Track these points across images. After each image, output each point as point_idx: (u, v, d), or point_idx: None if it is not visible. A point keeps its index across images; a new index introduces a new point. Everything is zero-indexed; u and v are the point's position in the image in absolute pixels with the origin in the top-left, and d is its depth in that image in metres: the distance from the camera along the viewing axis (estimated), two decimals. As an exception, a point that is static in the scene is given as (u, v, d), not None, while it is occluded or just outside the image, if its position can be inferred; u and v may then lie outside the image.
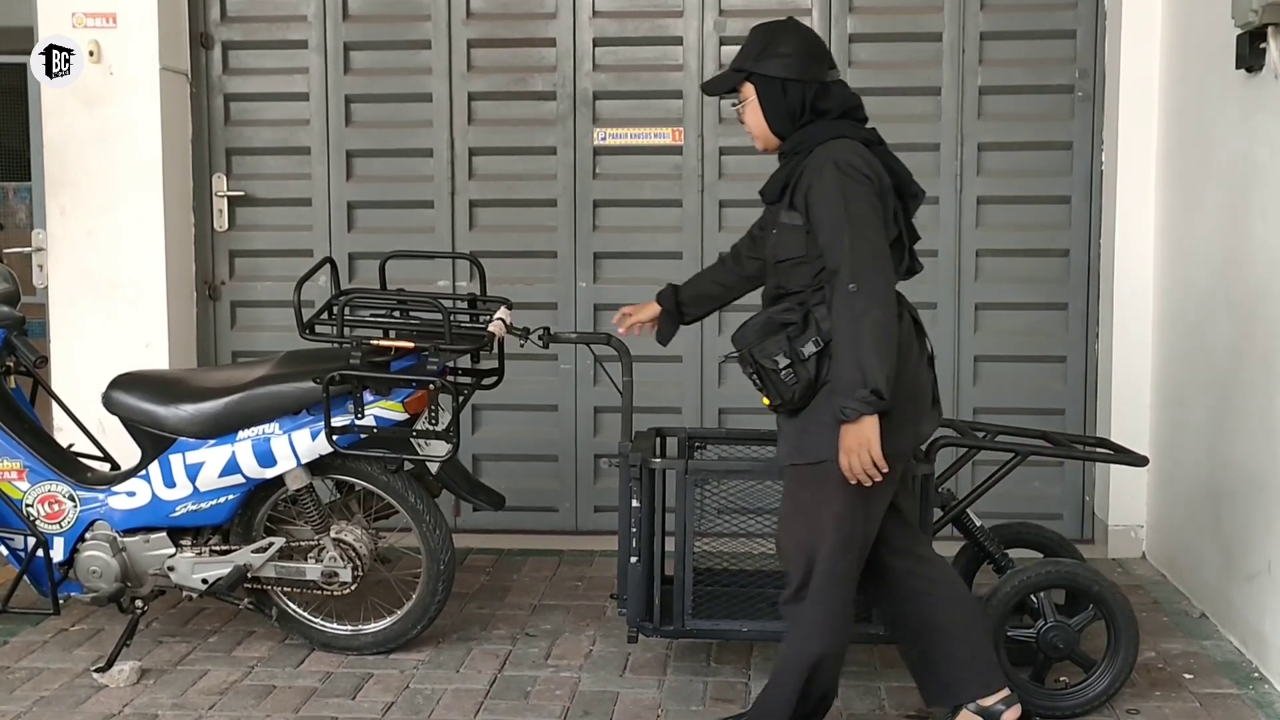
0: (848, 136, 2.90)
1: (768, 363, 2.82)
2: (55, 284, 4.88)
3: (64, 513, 3.67)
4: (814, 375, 2.80)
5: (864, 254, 2.75)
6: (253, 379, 3.57)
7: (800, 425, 2.88)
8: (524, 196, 5.00)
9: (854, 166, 2.81)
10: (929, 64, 4.86)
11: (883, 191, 2.85)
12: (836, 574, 2.90)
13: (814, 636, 2.92)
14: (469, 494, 3.73)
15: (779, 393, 2.84)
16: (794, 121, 2.91)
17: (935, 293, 4.90)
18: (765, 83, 2.91)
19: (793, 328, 2.82)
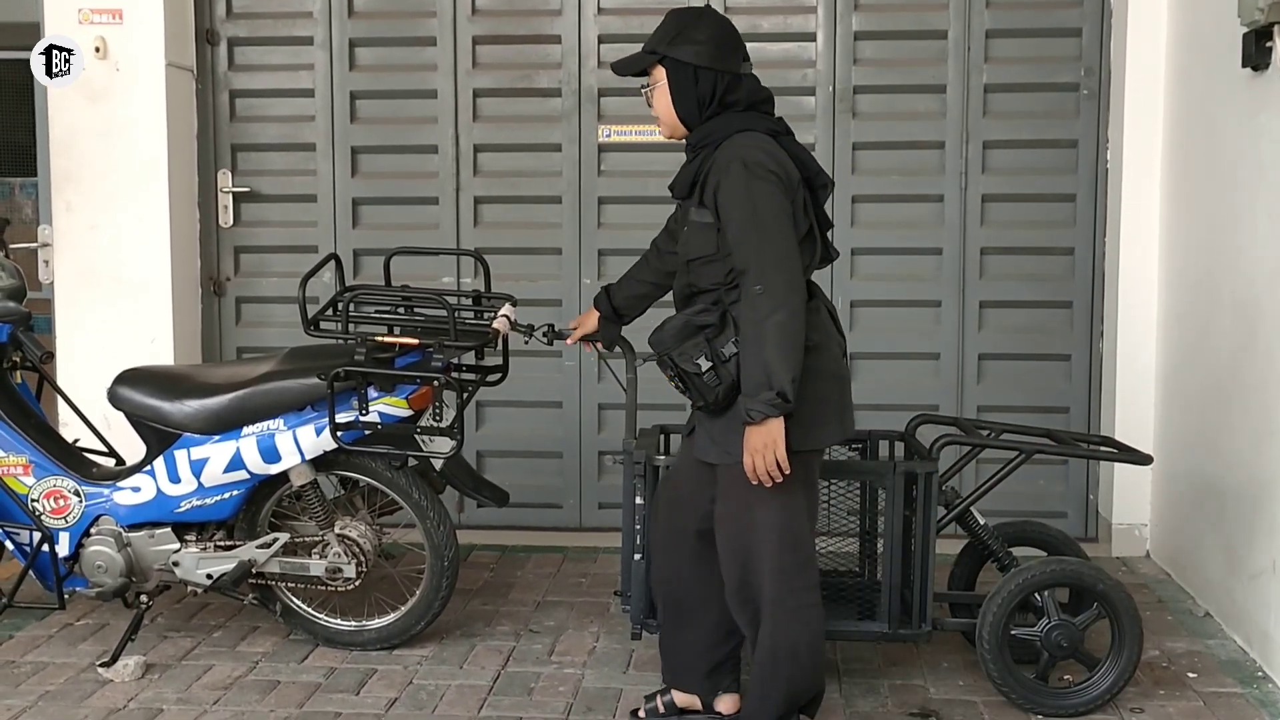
0: (754, 129, 2.87)
1: (689, 366, 2.80)
2: (61, 279, 4.89)
3: (69, 508, 3.68)
4: (736, 376, 2.79)
5: (770, 255, 2.74)
6: (257, 375, 3.57)
7: (725, 425, 2.86)
8: (529, 193, 5.00)
9: (761, 164, 2.79)
10: (934, 61, 4.86)
11: (790, 186, 2.82)
12: (788, 569, 2.91)
13: (783, 630, 2.93)
14: (473, 490, 3.73)
15: (701, 395, 2.84)
16: (701, 110, 2.88)
17: (939, 290, 4.91)
18: (677, 68, 2.88)
19: (710, 329, 2.81)
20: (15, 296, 3.67)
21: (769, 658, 2.96)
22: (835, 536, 3.83)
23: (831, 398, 2.92)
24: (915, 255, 4.93)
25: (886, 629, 3.39)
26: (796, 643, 2.94)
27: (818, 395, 2.86)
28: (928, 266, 4.92)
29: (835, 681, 3.53)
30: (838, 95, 4.87)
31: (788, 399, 2.71)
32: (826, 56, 4.87)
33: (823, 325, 2.93)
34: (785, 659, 2.95)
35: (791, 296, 2.73)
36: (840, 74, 4.87)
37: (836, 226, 4.87)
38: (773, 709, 2.99)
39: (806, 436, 2.84)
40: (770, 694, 2.98)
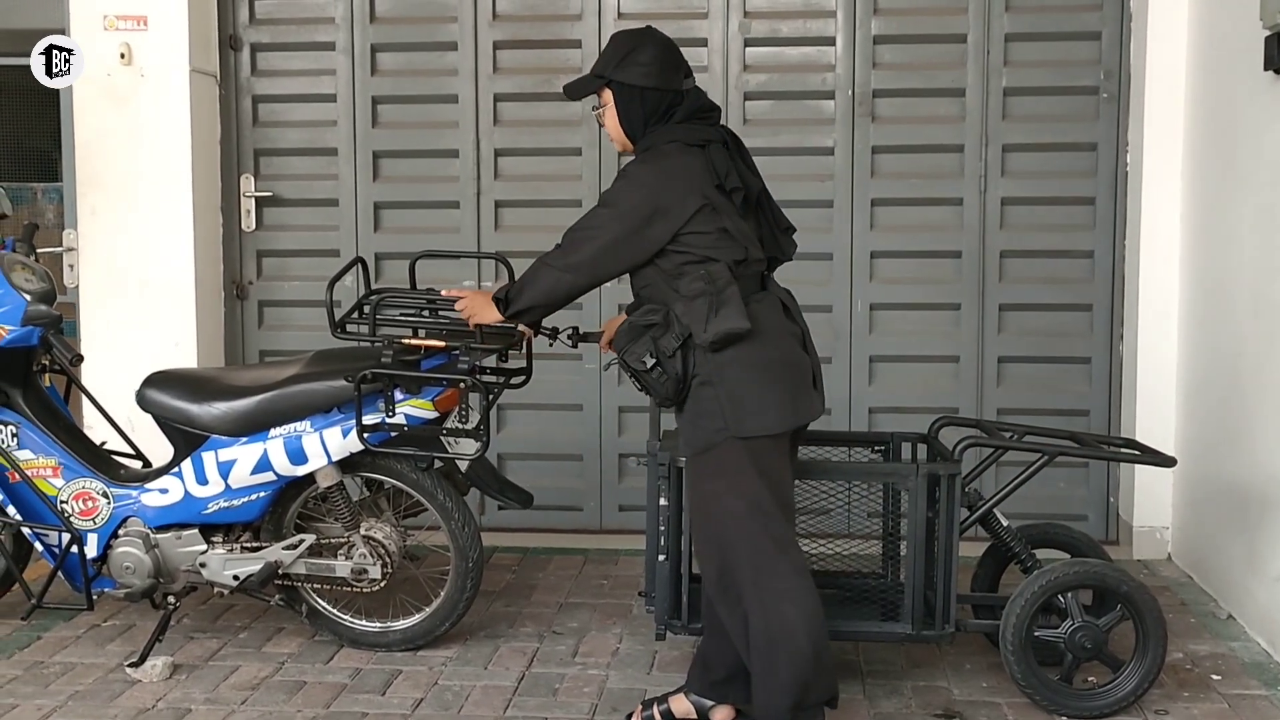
0: (678, 140, 3.03)
1: (637, 365, 2.97)
2: (85, 283, 4.93)
3: (98, 509, 3.71)
4: (680, 370, 2.95)
5: (592, 230, 3.04)
6: (284, 377, 3.60)
7: (685, 419, 3.02)
8: (549, 197, 5.02)
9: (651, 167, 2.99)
10: (954, 65, 4.87)
11: (661, 210, 2.96)
12: (764, 551, 2.96)
13: (773, 611, 2.95)
14: (497, 492, 3.75)
15: (653, 391, 3.01)
16: (645, 125, 3.06)
17: (959, 293, 4.92)
18: (623, 90, 3.06)
19: (655, 328, 2.96)
20: (46, 299, 3.70)
21: (764, 642, 2.96)
22: (858, 539, 3.85)
23: (771, 387, 2.99)
24: (935, 258, 4.94)
25: (910, 630, 3.40)
26: (790, 623, 2.95)
27: (759, 383, 2.96)
28: (947, 269, 4.93)
29: (859, 682, 3.55)
30: (857, 99, 4.89)
31: (505, 305, 3.18)
32: (846, 60, 4.89)
33: (767, 316, 3.02)
34: (781, 640, 2.95)
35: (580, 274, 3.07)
36: (860, 78, 4.89)
37: (856, 229, 4.91)
38: (782, 697, 2.96)
39: (746, 423, 2.95)
40: (771, 682, 2.96)
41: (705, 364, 2.95)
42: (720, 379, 2.94)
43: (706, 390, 2.96)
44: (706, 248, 2.98)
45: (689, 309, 2.94)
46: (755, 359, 2.97)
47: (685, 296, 2.95)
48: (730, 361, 2.95)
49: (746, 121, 4.90)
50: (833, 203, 4.91)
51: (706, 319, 2.91)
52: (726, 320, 2.92)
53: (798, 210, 3.66)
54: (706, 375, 2.95)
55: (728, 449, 2.95)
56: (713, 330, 2.91)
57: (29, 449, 3.71)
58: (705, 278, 2.94)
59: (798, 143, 4.89)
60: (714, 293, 2.93)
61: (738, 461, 2.95)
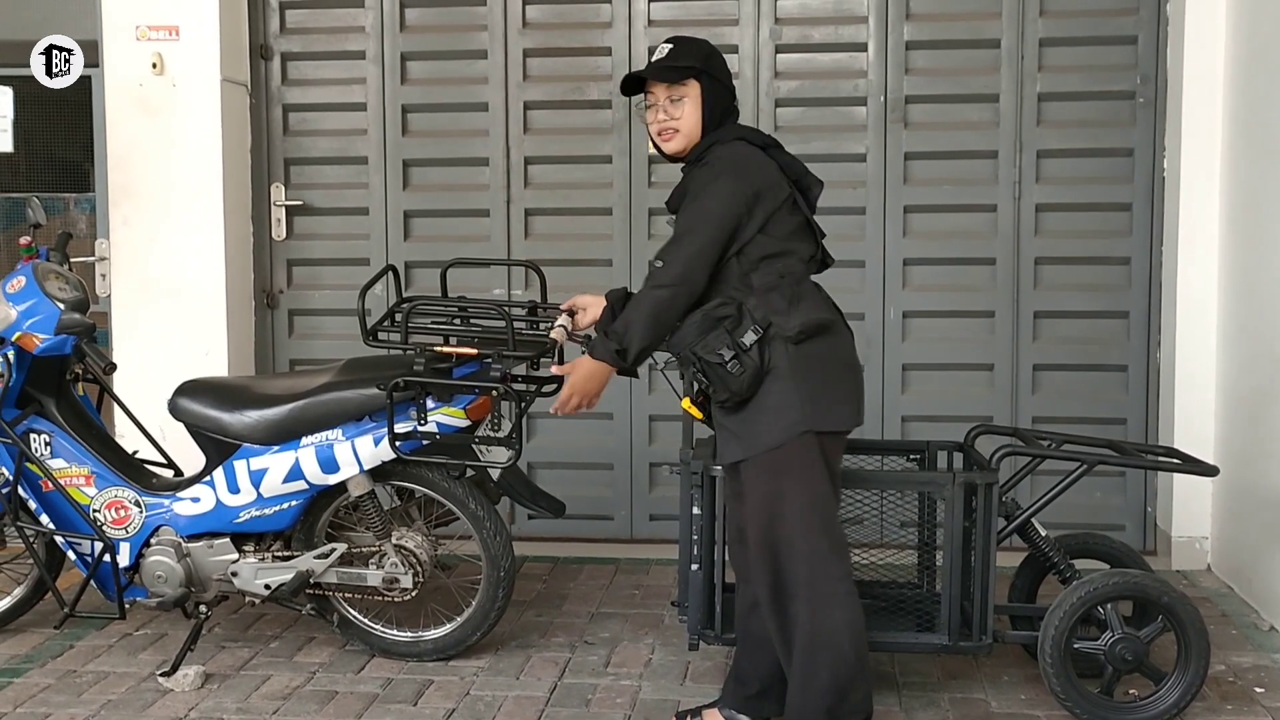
0: (745, 139, 3.04)
1: (712, 357, 2.90)
2: (117, 293, 4.95)
3: (130, 518, 3.71)
4: (759, 362, 2.90)
5: (689, 243, 2.92)
6: (316, 386, 3.59)
7: (746, 417, 2.95)
8: (579, 205, 5.01)
9: (739, 169, 2.94)
10: (987, 70, 4.83)
11: (765, 193, 2.95)
12: (820, 553, 2.94)
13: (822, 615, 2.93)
14: (529, 500, 3.72)
15: (726, 385, 2.91)
16: (716, 124, 3.05)
17: (993, 300, 4.87)
18: (713, 83, 3.05)
19: (729, 320, 2.91)
20: (79, 308, 3.71)
21: (808, 644, 2.94)
22: (892, 548, 3.81)
23: (849, 381, 3.01)
24: (968, 265, 4.89)
25: (947, 641, 3.35)
26: (835, 628, 2.93)
27: (834, 377, 2.97)
28: (981, 277, 4.88)
29: (894, 694, 3.50)
30: (889, 105, 4.85)
31: (625, 359, 2.96)
32: (878, 66, 4.86)
33: (836, 308, 3.04)
34: (825, 645, 2.93)
35: (681, 285, 2.91)
36: (892, 84, 4.86)
37: (888, 236, 4.88)
38: (820, 698, 2.93)
39: (825, 417, 2.94)
40: (812, 684, 2.93)
41: (783, 356, 2.91)
42: (800, 372, 2.91)
43: (782, 384, 2.91)
44: (786, 239, 2.99)
45: (763, 301, 2.93)
46: (833, 353, 2.98)
47: (758, 289, 2.93)
48: (810, 354, 2.93)
49: (778, 128, 4.86)
50: (865, 210, 4.88)
51: (788, 310, 2.91)
52: (810, 311, 2.93)
53: (830, 217, 3.59)
54: (784, 369, 2.91)
55: (801, 444, 2.93)
56: (798, 320, 2.90)
57: (62, 458, 3.72)
58: (780, 271, 2.95)
59: (830, 149, 4.85)
60: (790, 284, 2.94)
61: (810, 457, 2.93)
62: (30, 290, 3.67)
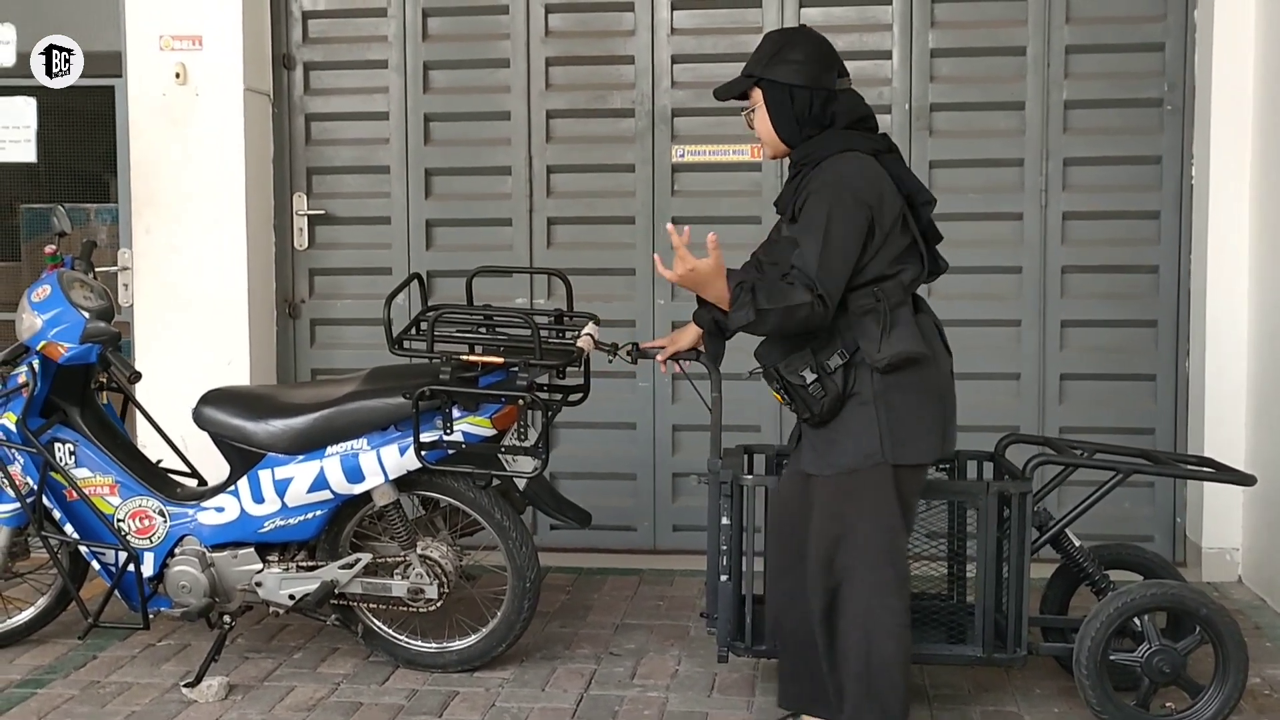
0: (856, 149, 2.90)
1: (794, 379, 2.86)
2: (140, 302, 4.94)
3: (154, 528, 3.69)
4: (841, 388, 2.84)
5: (825, 264, 2.78)
6: (341, 395, 3.57)
7: (828, 436, 2.91)
8: (602, 214, 4.99)
9: (852, 187, 2.82)
10: (1013, 78, 4.79)
11: (881, 209, 2.84)
12: (883, 583, 2.91)
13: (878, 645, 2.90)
14: (555, 510, 3.70)
15: (807, 407, 2.88)
16: (801, 128, 2.92)
17: (1020, 310, 4.83)
18: (773, 88, 2.92)
19: (816, 341, 2.85)
20: (104, 316, 3.70)
21: (863, 670, 2.91)
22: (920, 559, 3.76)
23: (932, 415, 2.94)
24: (994, 274, 4.85)
25: (980, 653, 3.31)
26: (891, 660, 2.91)
27: (918, 410, 2.90)
28: (1007, 285, 4.84)
29: (925, 707, 3.46)
30: (914, 113, 4.82)
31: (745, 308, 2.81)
32: (903, 74, 4.83)
33: (929, 340, 2.95)
34: (880, 672, 2.91)
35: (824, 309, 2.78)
36: (917, 91, 4.82)
37: (914, 245, 4.83)
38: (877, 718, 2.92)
39: (903, 450, 2.89)
40: (870, 705, 2.92)
41: (868, 383, 2.86)
42: (883, 401, 2.86)
43: (864, 411, 2.87)
44: (894, 261, 2.89)
45: (855, 325, 2.85)
46: (920, 384, 2.89)
47: (852, 312, 2.85)
48: (896, 384, 2.87)
49: (802, 136, 4.83)
50: (890, 218, 4.83)
51: (880, 338, 2.83)
52: (902, 341, 2.84)
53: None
54: (868, 395, 2.86)
55: (876, 474, 2.89)
56: (888, 351, 2.82)
57: (86, 467, 3.71)
58: (876, 295, 2.84)
59: (854, 157, 4.81)
60: (884, 311, 2.85)
61: (883, 489, 2.89)
62: (55, 299, 3.66)
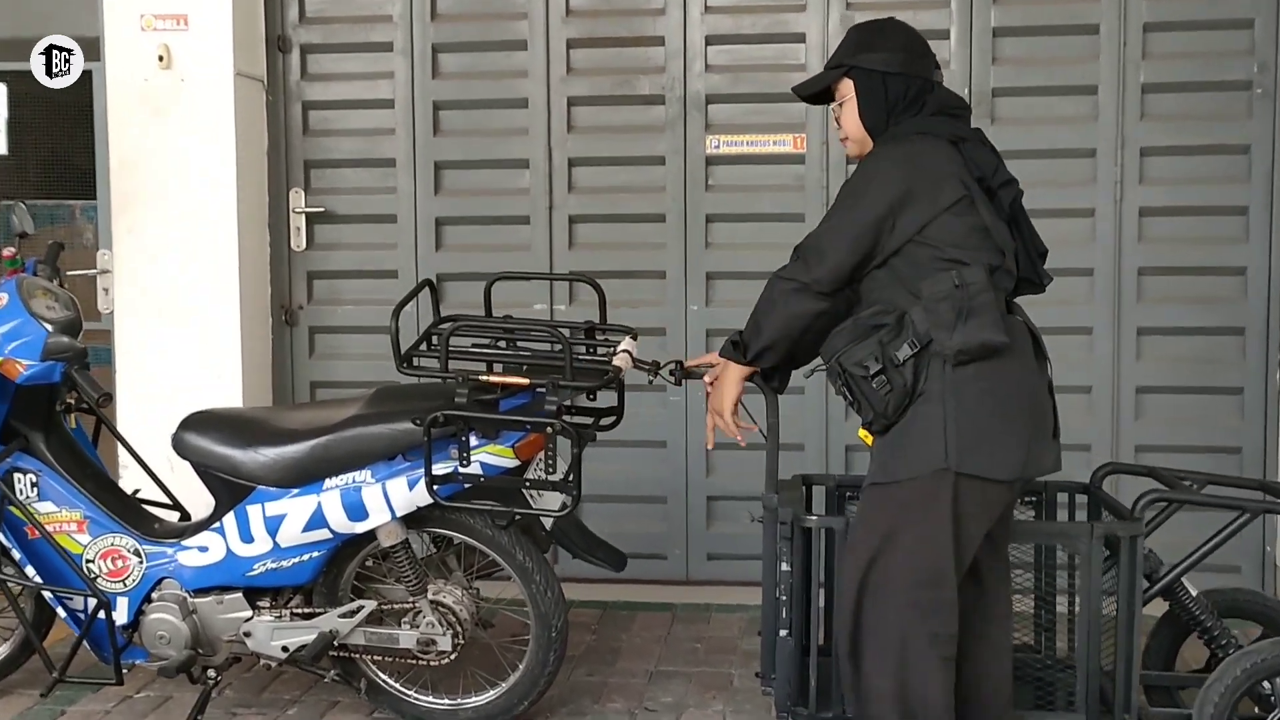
0: (928, 133, 2.68)
1: (856, 370, 2.58)
2: (121, 308, 4.56)
3: (128, 569, 3.26)
4: (910, 382, 2.55)
5: (829, 235, 2.66)
6: (341, 420, 3.13)
7: (890, 441, 2.62)
8: (629, 211, 4.60)
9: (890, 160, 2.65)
10: (1084, 59, 4.37)
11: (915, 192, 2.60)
12: (924, 605, 2.56)
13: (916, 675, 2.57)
14: (586, 551, 3.26)
15: (871, 405, 2.59)
16: (889, 116, 2.72)
17: (1091, 315, 4.42)
18: (866, 77, 2.72)
19: (885, 330, 2.58)
20: (70, 330, 3.25)
21: (896, 706, 2.57)
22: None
23: (1011, 421, 2.57)
24: (1063, 276, 4.22)
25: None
26: (929, 696, 2.57)
27: (994, 412, 2.55)
28: (1078, 289, 4.41)
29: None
30: (974, 98, 4.38)
31: (739, 349, 2.78)
32: (961, 55, 4.40)
33: (1018, 338, 2.64)
34: (916, 708, 2.57)
35: (808, 282, 2.66)
36: (977, 74, 4.40)
37: (975, 245, 4.40)
38: None
39: (972, 457, 2.53)
40: None
41: (938, 378, 2.54)
42: (952, 398, 2.53)
43: (930, 409, 2.55)
44: (956, 245, 2.60)
45: (930, 313, 2.55)
46: (999, 383, 2.57)
47: (927, 299, 2.56)
48: (970, 379, 2.54)
49: (850, 124, 4.40)
50: (948, 215, 4.42)
51: (954, 325, 2.52)
52: (980, 330, 2.52)
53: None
54: (936, 392, 2.54)
55: (934, 483, 2.54)
56: (961, 338, 2.52)
57: (51, 500, 3.27)
58: (956, 279, 2.56)
59: (908, 148, 4.40)
60: (965, 297, 2.54)
61: (938, 502, 2.54)
62: (14, 309, 3.20)
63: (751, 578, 4.52)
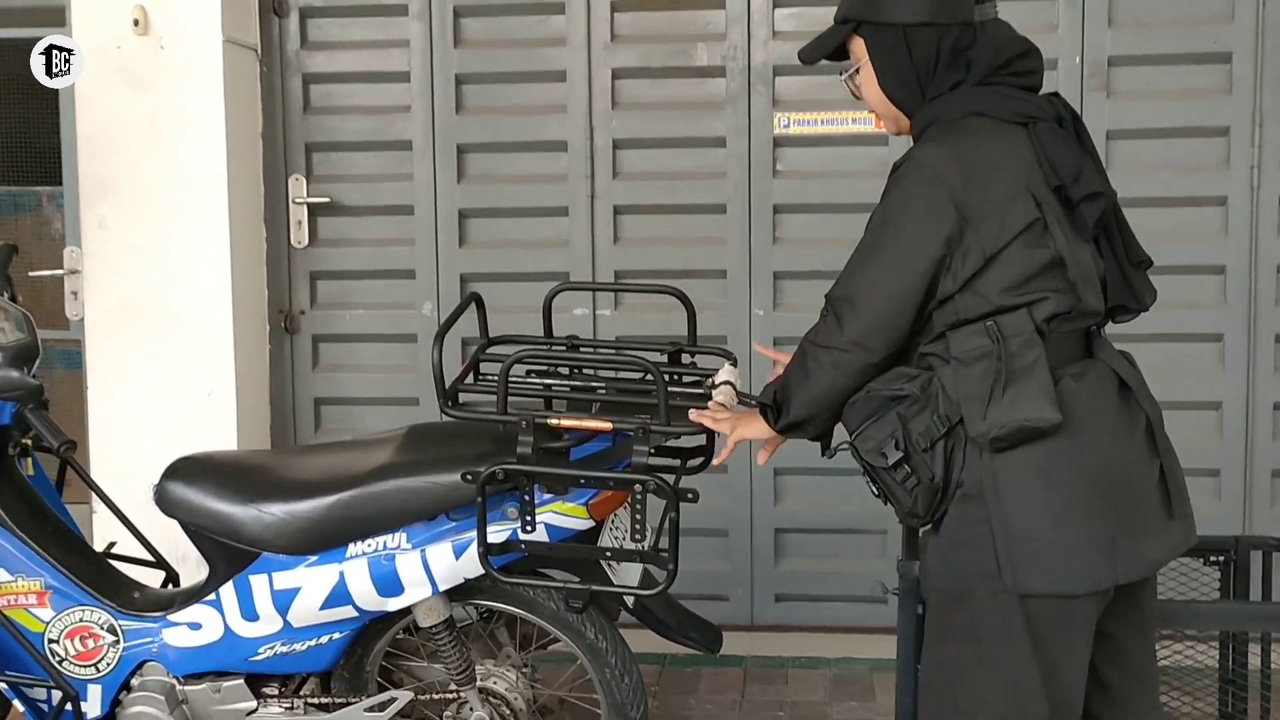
0: (988, 114, 2.09)
1: (873, 457, 2.07)
2: (93, 316, 4.05)
3: (101, 650, 2.69)
4: (942, 473, 2.04)
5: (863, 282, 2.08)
6: (368, 469, 2.53)
7: (941, 545, 2.10)
8: (683, 201, 4.10)
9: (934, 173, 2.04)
10: (1216, 21, 3.86)
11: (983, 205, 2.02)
12: None
13: None
14: (676, 630, 2.68)
15: (896, 500, 2.09)
16: (922, 87, 2.14)
17: (1221, 321, 3.92)
18: (880, 33, 2.14)
19: (906, 403, 2.06)
20: (24, 357, 2.65)
21: None
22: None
23: (1088, 516, 2.00)
24: (1189, 275, 3.93)
25: None
26: None
27: (1061, 510, 2.00)
28: (1207, 289, 3.94)
29: None
30: (1087, 69, 3.89)
31: (778, 412, 2.20)
32: (1071, 18, 3.89)
33: (1089, 400, 2.05)
34: None
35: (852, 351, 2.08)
36: (1090, 40, 3.90)
37: (1092, 239, 3.89)
38: None
39: (1030, 574, 2.00)
40: None
41: (978, 468, 2.02)
42: (998, 497, 2.00)
43: (972, 509, 2.02)
44: (1012, 288, 2.02)
45: (961, 377, 2.00)
46: (1061, 470, 2.01)
47: (959, 357, 2.02)
48: (1018, 469, 2.00)
49: (944, 99, 3.88)
50: (1055, 202, 3.91)
51: (989, 398, 1.99)
52: (1022, 405, 1.97)
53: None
54: (977, 486, 2.01)
55: (994, 607, 2.02)
56: (996, 419, 1.97)
57: (4, 567, 2.68)
58: (991, 332, 2.01)
59: (1011, 125, 3.89)
60: (1004, 356, 1.99)
61: (1005, 630, 2.02)
62: (-51, 333, 2.61)
63: (825, 622, 4.08)
